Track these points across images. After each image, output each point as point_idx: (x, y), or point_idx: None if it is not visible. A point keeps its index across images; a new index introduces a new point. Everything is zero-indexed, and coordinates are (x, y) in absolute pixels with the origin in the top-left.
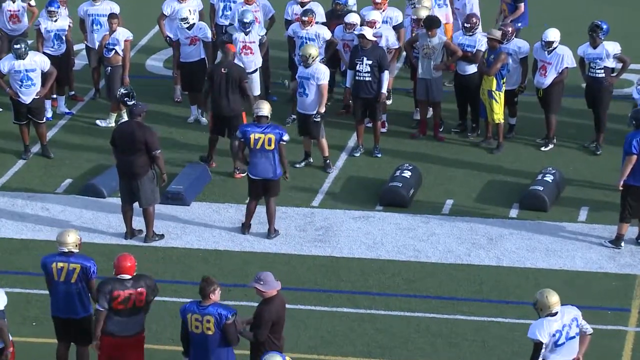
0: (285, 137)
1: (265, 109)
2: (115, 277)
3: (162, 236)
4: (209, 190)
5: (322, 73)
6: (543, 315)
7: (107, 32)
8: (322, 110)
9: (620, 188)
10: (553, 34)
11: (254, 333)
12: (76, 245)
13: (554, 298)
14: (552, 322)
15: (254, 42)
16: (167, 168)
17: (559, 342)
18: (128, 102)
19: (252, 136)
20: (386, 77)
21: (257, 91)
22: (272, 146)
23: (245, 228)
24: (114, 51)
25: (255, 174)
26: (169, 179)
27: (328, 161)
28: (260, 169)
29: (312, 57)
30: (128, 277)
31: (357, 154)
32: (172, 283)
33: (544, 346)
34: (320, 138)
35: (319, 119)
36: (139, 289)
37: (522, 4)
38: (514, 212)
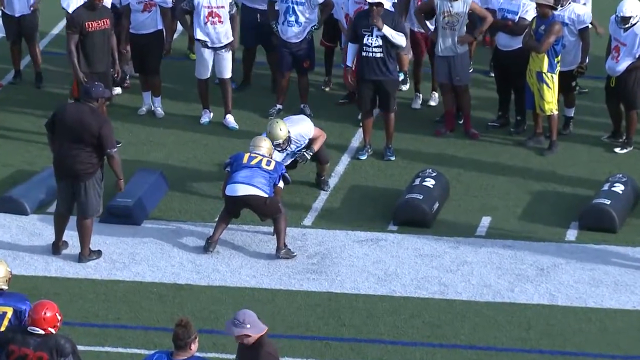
0: None
1: None
2: (24, 327)
3: (99, 253)
4: (167, 205)
5: (307, 135)
6: None
7: None
8: (316, 148)
9: None
10: (631, 7)
11: None
12: (6, 281)
13: None
14: None
15: (222, 7)
16: (111, 175)
17: None
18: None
19: None
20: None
21: (228, 73)
22: None
23: (209, 244)
24: None
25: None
26: (114, 189)
27: (323, 177)
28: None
29: (283, 139)
30: (40, 332)
31: (364, 157)
32: (116, 328)
33: None
34: (326, 164)
35: (309, 157)
36: (39, 353)
37: None
38: (571, 234)
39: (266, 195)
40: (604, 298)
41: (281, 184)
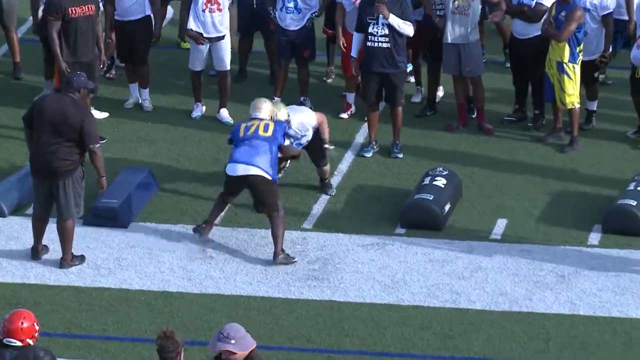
0: None
1: None
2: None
3: (82, 258)
4: (155, 206)
5: (311, 123)
6: None
7: None
8: (326, 135)
9: None
10: None
11: None
12: None
13: None
14: None
15: None
16: (92, 174)
17: None
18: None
19: None
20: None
21: (227, 65)
22: None
23: (203, 228)
24: None
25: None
26: (96, 188)
27: (327, 180)
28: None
29: (278, 115)
30: (17, 343)
31: (369, 154)
32: (101, 339)
33: None
34: (325, 165)
35: (332, 148)
36: None
37: None
38: (594, 237)
39: (269, 177)
40: (630, 307)
41: (287, 143)
